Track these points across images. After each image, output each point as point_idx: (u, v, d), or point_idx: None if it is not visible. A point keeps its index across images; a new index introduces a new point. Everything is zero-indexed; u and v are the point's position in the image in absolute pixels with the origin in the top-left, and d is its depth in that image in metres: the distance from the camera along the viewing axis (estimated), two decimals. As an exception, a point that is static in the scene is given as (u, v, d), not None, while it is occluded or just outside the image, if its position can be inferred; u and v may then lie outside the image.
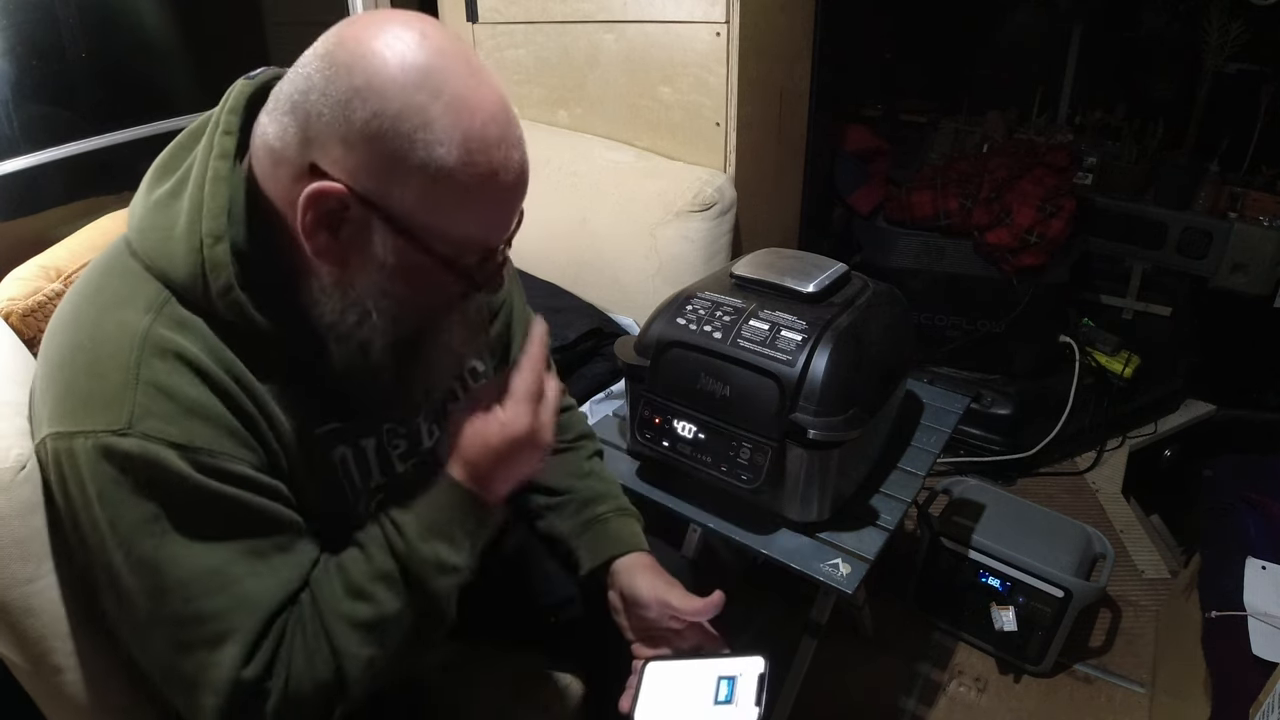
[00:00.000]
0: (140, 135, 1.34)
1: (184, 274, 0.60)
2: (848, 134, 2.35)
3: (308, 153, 0.57)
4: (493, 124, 0.58)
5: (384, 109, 0.55)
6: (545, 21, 1.66)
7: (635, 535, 0.87)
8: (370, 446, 0.72)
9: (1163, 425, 2.17)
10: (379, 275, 0.60)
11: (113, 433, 0.56)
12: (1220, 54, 2.05)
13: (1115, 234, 2.16)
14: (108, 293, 0.62)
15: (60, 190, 1.27)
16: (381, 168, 0.56)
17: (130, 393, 0.57)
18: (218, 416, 0.59)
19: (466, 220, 0.60)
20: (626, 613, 0.82)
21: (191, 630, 0.58)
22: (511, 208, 0.63)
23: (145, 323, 0.59)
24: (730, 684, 0.70)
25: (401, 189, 0.57)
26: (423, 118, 0.55)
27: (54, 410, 0.60)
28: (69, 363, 0.60)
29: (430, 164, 0.56)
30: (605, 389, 1.41)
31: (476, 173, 0.57)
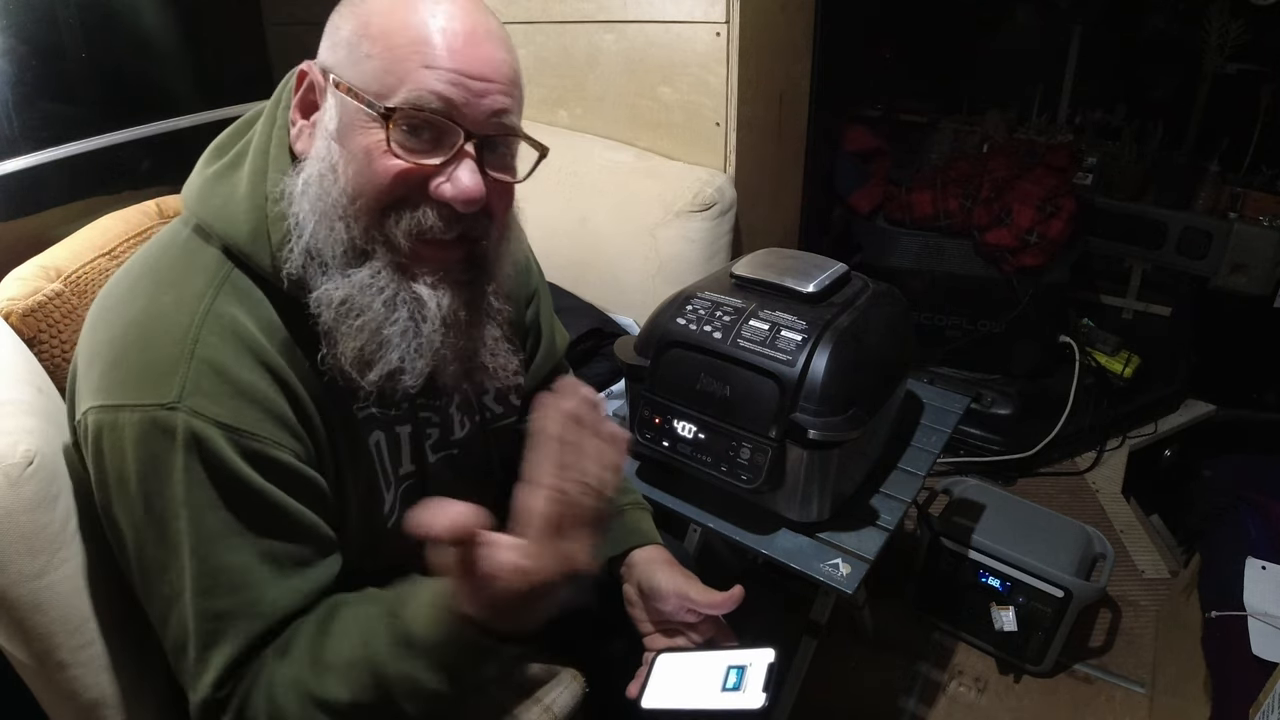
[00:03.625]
0: (140, 135, 1.34)
1: (246, 233, 0.61)
2: (848, 134, 2.35)
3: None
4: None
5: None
6: (545, 21, 1.66)
7: (651, 528, 0.88)
8: (405, 433, 0.72)
9: (1163, 425, 2.17)
10: (326, 147, 0.61)
11: (161, 406, 0.56)
12: (1220, 54, 2.05)
13: (1115, 234, 2.16)
14: (164, 267, 0.63)
15: (60, 190, 1.27)
16: (332, 38, 0.62)
17: (183, 368, 0.57)
18: (268, 401, 0.59)
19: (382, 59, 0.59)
20: (644, 605, 0.82)
21: (198, 622, 0.58)
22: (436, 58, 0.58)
23: (208, 298, 0.59)
24: (740, 673, 0.70)
25: (341, 50, 0.61)
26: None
27: (100, 384, 0.59)
28: (120, 338, 0.60)
29: (358, 17, 0.60)
30: (605, 389, 1.41)
31: (397, 16, 0.59)
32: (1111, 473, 2.06)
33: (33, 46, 1.25)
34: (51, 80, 1.29)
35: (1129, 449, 2.12)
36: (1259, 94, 2.03)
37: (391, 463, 0.71)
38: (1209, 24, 2.03)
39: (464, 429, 0.79)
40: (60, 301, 0.88)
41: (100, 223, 1.05)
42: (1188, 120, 2.18)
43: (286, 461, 0.60)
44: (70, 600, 0.65)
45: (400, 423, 0.71)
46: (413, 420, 0.72)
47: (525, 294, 0.90)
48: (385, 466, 0.71)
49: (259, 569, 0.60)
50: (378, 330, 0.61)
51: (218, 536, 0.58)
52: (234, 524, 0.58)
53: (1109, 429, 2.14)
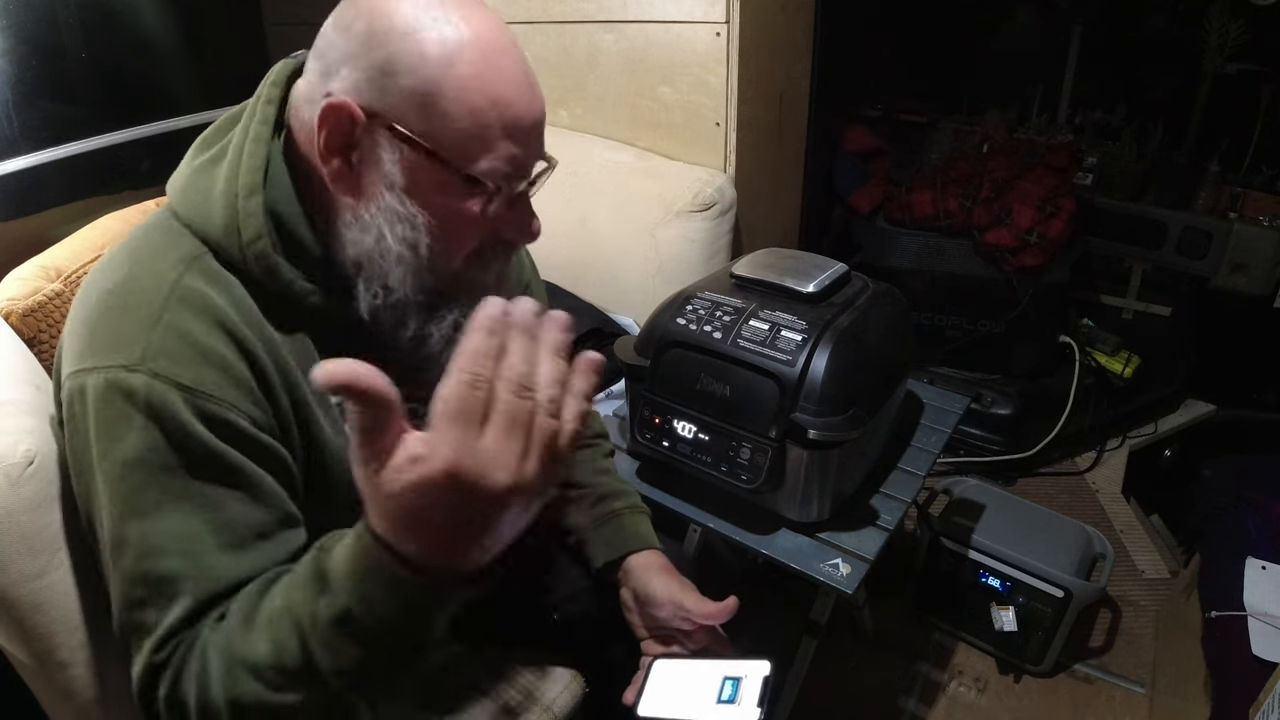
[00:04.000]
0: (140, 135, 1.34)
1: (219, 226, 0.62)
2: (848, 134, 2.35)
3: (325, 85, 0.60)
4: (486, 33, 0.59)
5: (375, 20, 0.58)
6: (545, 21, 1.66)
7: (649, 533, 0.88)
8: None
9: (1163, 425, 2.17)
10: (391, 196, 0.61)
11: (124, 367, 0.57)
12: (1220, 54, 2.05)
13: (1115, 234, 2.16)
14: (144, 248, 0.64)
15: (60, 190, 1.27)
16: (378, 75, 0.58)
17: (148, 333, 0.58)
18: (230, 367, 0.60)
19: (465, 126, 0.59)
20: (639, 611, 0.82)
21: (145, 586, 0.57)
22: (515, 118, 0.61)
23: (178, 272, 0.61)
24: (735, 684, 0.71)
25: (398, 96, 0.58)
26: (413, 24, 0.58)
27: (76, 351, 0.60)
28: (96, 307, 0.61)
29: (421, 67, 0.57)
30: (605, 389, 1.41)
31: (470, 72, 0.58)
32: (1111, 473, 2.06)
33: (33, 46, 1.25)
34: (51, 80, 1.29)
35: (1129, 449, 2.12)
36: (1259, 94, 2.03)
37: None
38: (1209, 24, 2.03)
39: None
40: (60, 301, 0.88)
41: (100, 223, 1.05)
42: (1188, 120, 2.18)
43: (244, 427, 0.60)
44: (71, 600, 0.66)
45: None
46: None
47: (517, 286, 0.91)
48: None
49: (212, 534, 0.58)
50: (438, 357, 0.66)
51: (171, 498, 0.57)
52: (189, 486, 0.58)
53: (1109, 429, 2.14)
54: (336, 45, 0.60)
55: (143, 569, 0.57)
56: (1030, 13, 2.43)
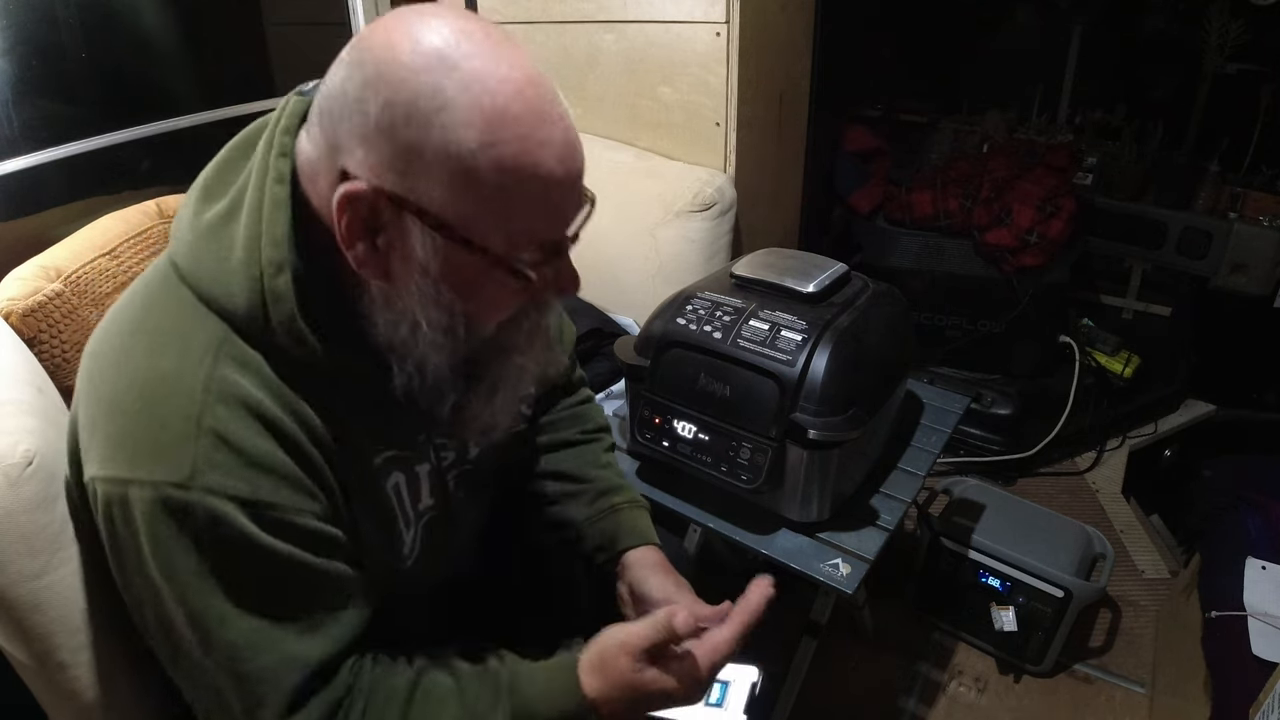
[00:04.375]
0: (140, 135, 1.34)
1: (243, 306, 0.57)
2: (848, 134, 2.35)
3: (336, 159, 0.55)
4: (520, 98, 0.52)
5: (395, 97, 0.51)
6: (545, 21, 1.66)
7: (648, 528, 0.88)
8: (425, 471, 0.71)
9: (1163, 425, 2.17)
10: (425, 282, 0.56)
11: (173, 485, 0.54)
12: (1220, 54, 2.05)
13: (1115, 234, 2.16)
14: (159, 325, 0.59)
15: (60, 190, 1.27)
16: (403, 160, 0.52)
17: (192, 443, 0.54)
18: (282, 467, 0.57)
19: (506, 209, 0.54)
20: (634, 607, 0.82)
21: (235, 688, 0.57)
22: (560, 192, 0.57)
23: (206, 365, 0.56)
24: (723, 689, 0.71)
25: (428, 181, 0.53)
26: (438, 99, 0.51)
27: (106, 452, 0.57)
28: (121, 402, 0.57)
29: (453, 148, 0.51)
30: (605, 389, 1.41)
31: (508, 152, 0.52)
32: (1111, 473, 2.06)
33: (33, 46, 1.25)
34: (51, 80, 1.29)
35: (1129, 449, 2.12)
36: (1259, 94, 2.03)
37: (411, 501, 0.70)
38: (1209, 24, 2.03)
39: (478, 447, 0.78)
40: (60, 301, 0.88)
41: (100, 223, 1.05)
42: (1188, 120, 2.18)
43: (307, 525, 0.58)
44: (70, 601, 0.65)
45: (420, 461, 0.70)
46: (431, 456, 0.71)
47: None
48: (405, 507, 0.70)
49: (293, 626, 0.59)
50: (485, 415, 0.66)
51: (245, 603, 0.57)
52: (260, 589, 0.57)
53: (1109, 429, 2.14)
54: (348, 117, 0.53)
55: (234, 671, 0.57)
56: (1030, 13, 2.43)
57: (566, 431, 0.93)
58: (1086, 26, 2.32)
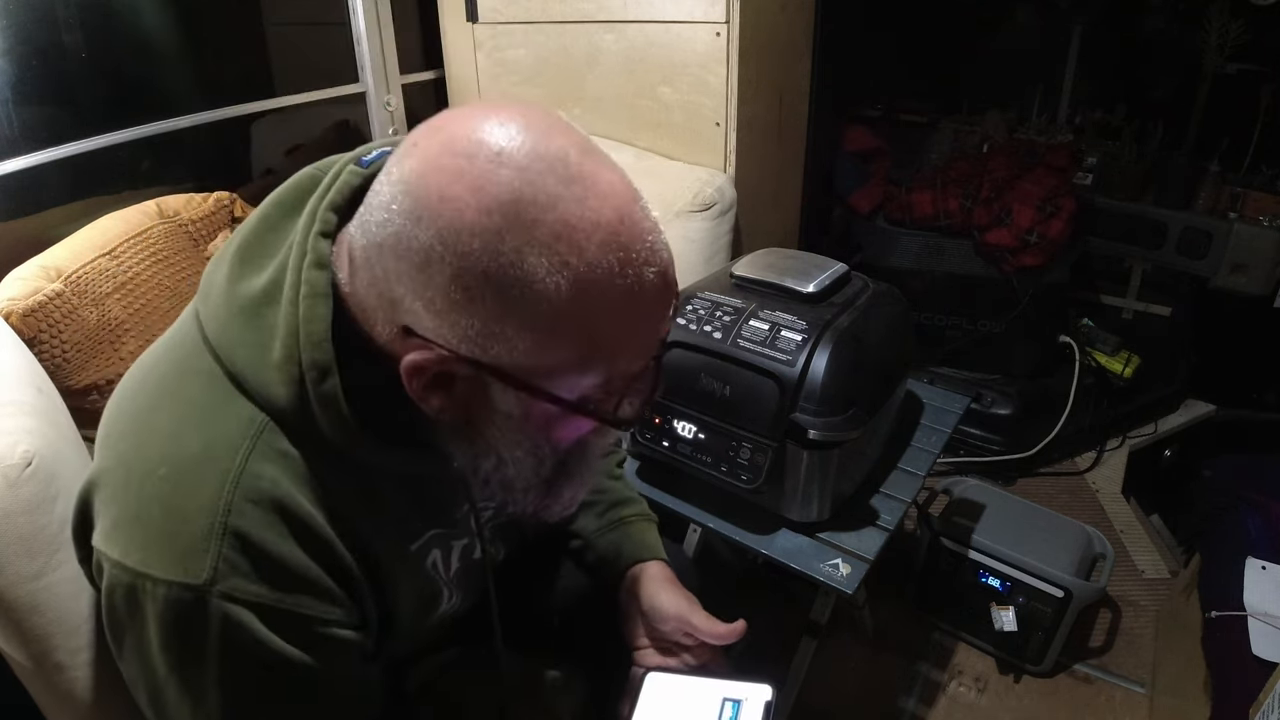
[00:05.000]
0: (140, 135, 1.34)
1: (285, 404, 0.52)
2: (848, 134, 2.35)
3: (396, 313, 0.49)
4: (613, 243, 0.47)
5: (468, 267, 0.45)
6: (545, 21, 1.66)
7: (656, 543, 0.87)
8: (460, 545, 0.70)
9: (1163, 425, 2.17)
10: (507, 426, 0.53)
11: (188, 587, 0.50)
12: (1220, 54, 2.05)
13: (1115, 234, 2.16)
14: (189, 398, 0.54)
15: (60, 190, 1.27)
16: (479, 330, 0.47)
17: (214, 544, 0.50)
18: (308, 574, 0.54)
19: (596, 359, 0.50)
20: (641, 622, 0.81)
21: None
22: (652, 326, 0.52)
23: (241, 455, 0.52)
24: (735, 707, 0.69)
25: (509, 346, 0.48)
26: (518, 269, 0.45)
27: (118, 535, 0.53)
28: (141, 485, 0.53)
29: (540, 316, 0.47)
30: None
31: (598, 306, 0.48)
32: (1111, 473, 2.06)
33: (33, 46, 1.25)
34: (51, 80, 1.29)
35: (1129, 449, 2.12)
36: (1259, 94, 2.03)
37: (445, 569, 0.69)
38: (1209, 24, 2.03)
39: None
40: (60, 301, 0.88)
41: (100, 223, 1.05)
42: (1188, 120, 2.18)
43: (324, 631, 0.56)
44: (68, 602, 0.65)
45: (458, 536, 0.69)
46: (471, 525, 0.70)
47: None
48: (445, 576, 0.69)
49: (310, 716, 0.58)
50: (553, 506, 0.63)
51: (257, 702, 0.55)
52: (274, 695, 0.56)
53: (1109, 429, 2.14)
54: (408, 275, 0.47)
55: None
56: (1030, 13, 2.43)
57: None
58: (1086, 26, 2.32)
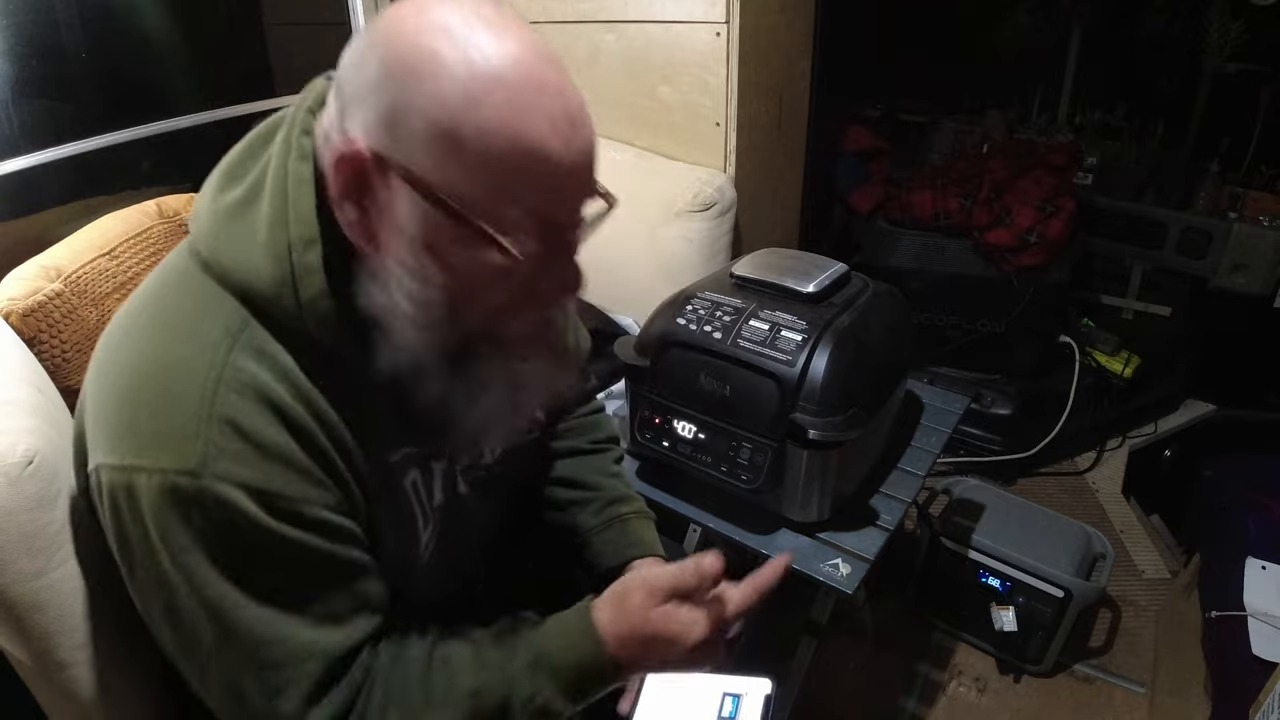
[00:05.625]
0: (140, 135, 1.34)
1: (269, 284, 0.55)
2: (848, 134, 2.35)
3: (342, 123, 0.54)
4: (518, 65, 0.51)
5: (391, 55, 0.51)
6: (545, 21, 1.66)
7: (654, 539, 0.87)
8: (439, 468, 0.70)
9: (1163, 425, 2.18)
10: (408, 251, 0.54)
11: (181, 473, 0.53)
12: (1220, 54, 2.05)
13: (1115, 234, 2.16)
14: (176, 312, 0.58)
15: (60, 190, 1.27)
16: (391, 118, 0.51)
17: (203, 429, 0.53)
18: (294, 458, 0.56)
19: (492, 178, 0.52)
20: None
21: (253, 676, 0.57)
22: (554, 167, 0.53)
23: (223, 351, 0.55)
24: (735, 701, 0.70)
25: (414, 143, 0.51)
26: (432, 62, 0.50)
27: (113, 440, 0.56)
28: (131, 389, 0.56)
29: (437, 109, 0.50)
30: (605, 389, 1.41)
31: (495, 115, 0.50)
32: (1111, 473, 2.06)
33: (33, 46, 1.25)
34: (51, 80, 1.29)
35: (1129, 449, 2.12)
36: (1259, 94, 2.04)
37: (426, 497, 0.70)
38: (1209, 24, 2.03)
39: (494, 453, 0.78)
40: (60, 301, 0.88)
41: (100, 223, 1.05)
42: (1188, 120, 2.18)
43: (318, 516, 0.57)
44: (70, 600, 0.65)
45: (436, 458, 0.70)
46: (445, 456, 0.71)
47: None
48: (422, 503, 0.70)
49: (310, 614, 0.58)
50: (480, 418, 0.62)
51: (262, 596, 0.56)
52: (276, 581, 0.57)
53: (1109, 429, 2.14)
54: (352, 80, 0.54)
55: (252, 658, 0.56)
56: (1030, 13, 2.43)
57: (577, 440, 0.93)
58: (1086, 26, 2.32)
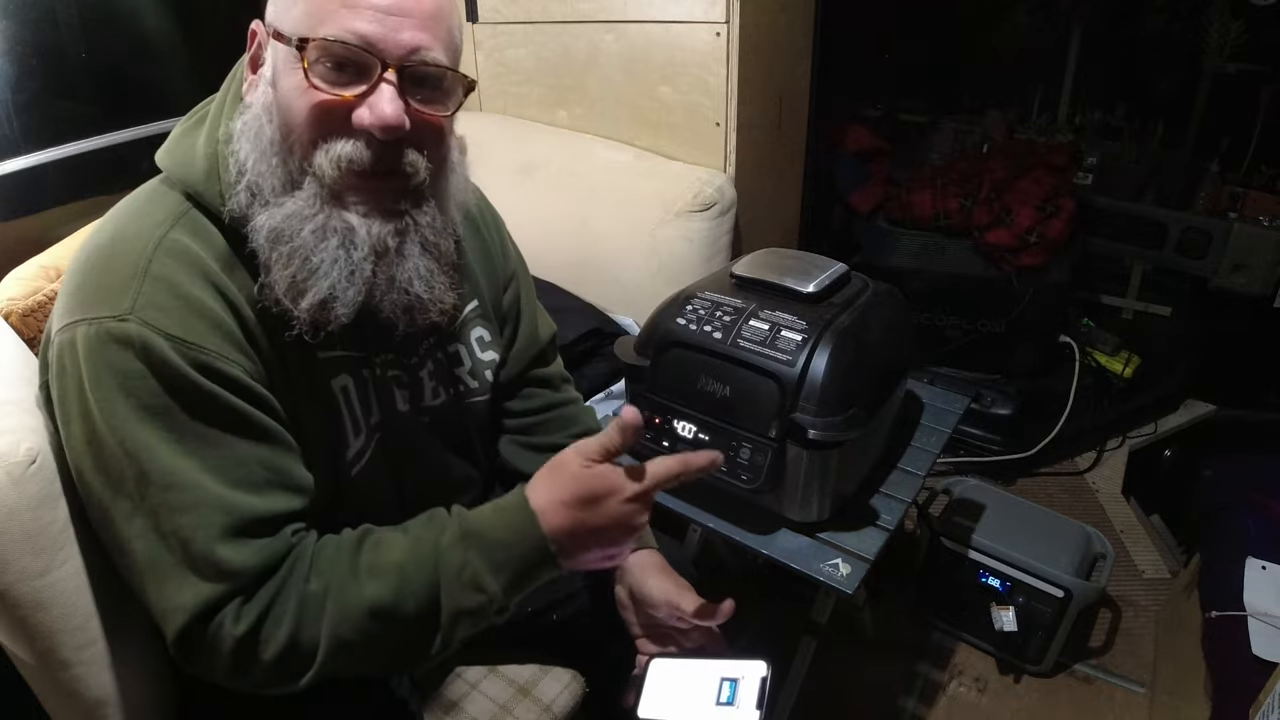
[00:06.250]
0: (140, 135, 1.34)
1: (201, 172, 0.65)
2: (848, 134, 2.35)
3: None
4: None
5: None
6: (545, 21, 1.66)
7: (647, 533, 0.88)
8: (369, 379, 0.73)
9: (1163, 425, 2.17)
10: (264, 93, 0.64)
11: (114, 318, 0.59)
12: (1220, 54, 2.05)
13: (1115, 234, 2.16)
14: (131, 208, 0.67)
15: (60, 190, 1.27)
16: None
17: (136, 283, 0.60)
18: (217, 318, 0.62)
19: (312, 6, 0.61)
20: (635, 610, 0.82)
21: (168, 521, 0.59)
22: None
23: (164, 226, 0.63)
24: (733, 685, 0.71)
25: (275, 4, 0.64)
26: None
27: (65, 306, 0.62)
28: (84, 262, 0.63)
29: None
30: (605, 389, 1.41)
31: None
32: (1111, 473, 2.06)
33: (33, 46, 1.25)
34: (51, 80, 1.29)
35: (1129, 449, 2.12)
36: (1259, 94, 2.04)
37: (362, 409, 0.73)
38: (1209, 24, 2.04)
39: (437, 398, 0.80)
40: (61, 301, 0.88)
41: (101, 223, 1.05)
42: (1188, 120, 2.18)
43: (236, 375, 0.62)
44: (73, 599, 0.65)
45: (365, 366, 0.73)
46: (374, 368, 0.73)
47: (502, 276, 0.90)
48: (355, 412, 0.72)
49: (228, 476, 0.61)
50: (307, 258, 0.63)
51: (176, 439, 0.59)
52: (191, 426, 0.60)
53: (1109, 429, 2.14)
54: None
55: (170, 503, 0.59)
56: (1030, 12, 2.43)
57: (556, 435, 0.94)
58: (1086, 26, 2.32)
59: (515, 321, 0.92)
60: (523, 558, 0.64)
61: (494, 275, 0.88)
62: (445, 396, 0.81)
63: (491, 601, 0.64)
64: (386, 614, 0.62)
